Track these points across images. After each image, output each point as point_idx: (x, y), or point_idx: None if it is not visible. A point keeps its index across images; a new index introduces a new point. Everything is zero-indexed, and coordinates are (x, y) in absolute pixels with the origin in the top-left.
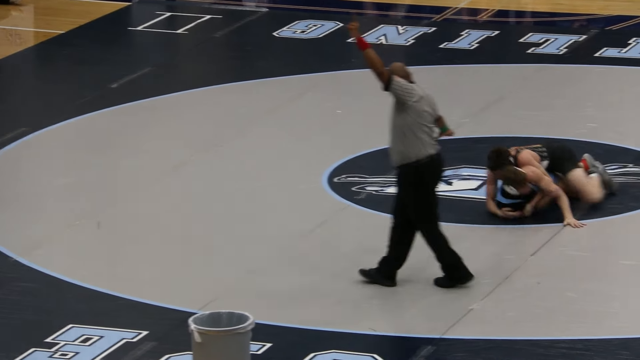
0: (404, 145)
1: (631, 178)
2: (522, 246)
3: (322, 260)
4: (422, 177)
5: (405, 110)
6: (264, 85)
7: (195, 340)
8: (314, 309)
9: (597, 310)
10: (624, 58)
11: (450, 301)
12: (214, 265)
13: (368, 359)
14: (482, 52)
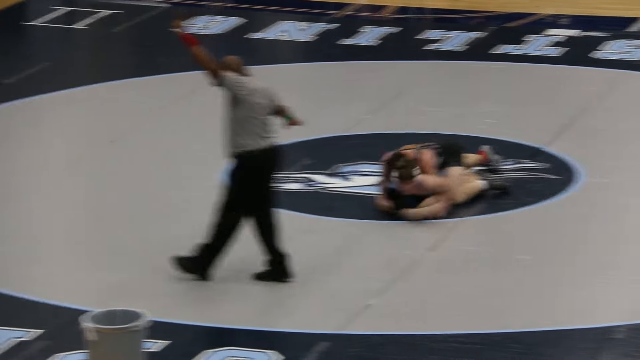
0: (237, 137)
1: (527, 174)
2: (419, 241)
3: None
4: (254, 169)
5: (237, 104)
6: (164, 81)
7: (90, 339)
8: (210, 306)
9: (491, 305)
10: (520, 55)
11: (347, 296)
12: (110, 264)
13: (264, 356)
14: (383, 49)
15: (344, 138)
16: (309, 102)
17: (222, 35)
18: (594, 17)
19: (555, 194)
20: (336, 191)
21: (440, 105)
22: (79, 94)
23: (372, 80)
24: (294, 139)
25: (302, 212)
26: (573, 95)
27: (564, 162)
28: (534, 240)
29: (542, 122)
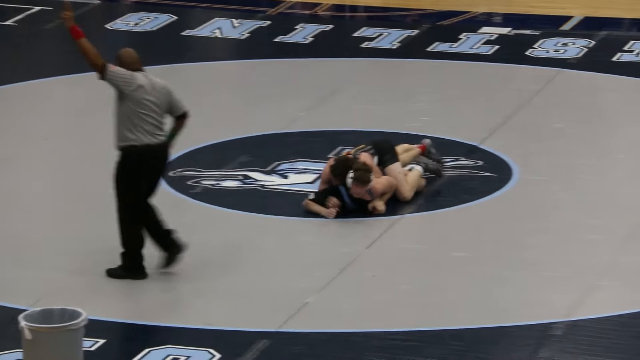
0: (124, 131)
1: (462, 171)
2: (356, 239)
3: (156, 256)
4: (136, 165)
5: (124, 99)
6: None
7: (26, 338)
8: (148, 304)
9: (430, 302)
10: (455, 53)
11: (285, 294)
12: (45, 262)
13: (203, 353)
14: (317, 46)
15: (280, 136)
16: (244, 99)
17: (154, 32)
18: (527, 15)
19: (491, 192)
20: (273, 189)
21: (375, 103)
22: (11, 91)
23: (307, 78)
24: (231, 137)
25: (239, 210)
26: (507, 93)
27: (498, 159)
28: (471, 238)
29: (476, 119)
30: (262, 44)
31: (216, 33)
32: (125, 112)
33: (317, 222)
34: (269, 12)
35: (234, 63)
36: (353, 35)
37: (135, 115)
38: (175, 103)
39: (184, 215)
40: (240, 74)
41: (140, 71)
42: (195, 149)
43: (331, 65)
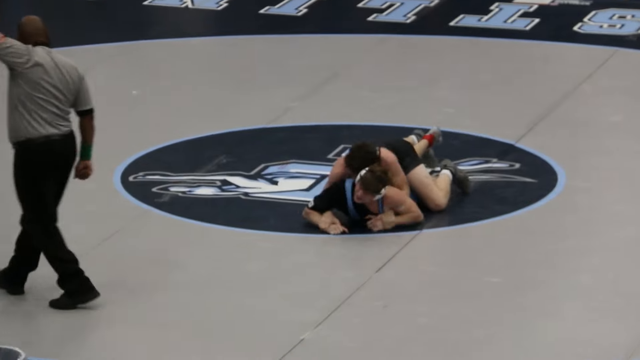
0: (15, 119)
1: (495, 176)
2: (364, 261)
3: (112, 280)
4: (31, 160)
5: (16, 78)
6: None
7: None
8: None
9: (455, 340)
10: (484, 28)
11: (276, 329)
12: None
13: None
14: (312, 19)
15: (268, 131)
16: (222, 86)
17: (108, 1)
18: None
19: (531, 202)
20: (260, 197)
21: (384, 90)
22: None
23: (300, 59)
24: (207, 132)
25: (217, 224)
26: (549, 79)
27: (539, 161)
28: (506, 259)
29: (512, 112)
30: (244, 16)
31: (187, 2)
32: (17, 95)
33: (315, 239)
34: None
35: (209, 40)
36: (357, 5)
37: (30, 99)
38: (83, 93)
39: (149, 230)
40: (218, 53)
41: (43, 46)
42: (162, 147)
43: (330, 44)
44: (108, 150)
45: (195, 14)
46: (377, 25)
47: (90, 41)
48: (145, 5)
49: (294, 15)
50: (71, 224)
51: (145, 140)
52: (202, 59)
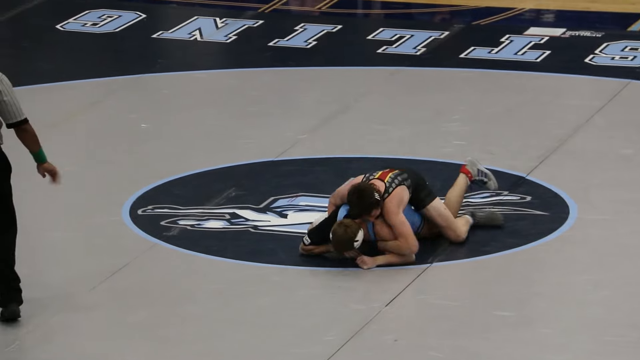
0: None
1: (506, 209)
2: (374, 294)
3: (121, 315)
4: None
5: None
6: (46, 91)
7: None
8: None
9: None
10: (495, 60)
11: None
12: None
13: None
14: (322, 52)
15: (277, 164)
16: (231, 118)
17: (118, 34)
18: (585, 12)
19: (542, 235)
20: (269, 230)
21: (395, 122)
22: None
23: (309, 92)
24: (216, 165)
25: (226, 258)
26: (561, 111)
27: (551, 194)
28: (517, 293)
29: (523, 144)
30: (253, 49)
31: (196, 35)
32: None
33: (325, 273)
34: (261, 9)
35: (218, 73)
36: (367, 38)
37: None
38: (4, 107)
39: (157, 264)
40: (227, 86)
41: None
42: (171, 180)
43: (340, 76)
44: (117, 184)
45: (204, 47)
46: (387, 58)
47: (99, 74)
48: (154, 38)
49: (304, 48)
50: (80, 257)
51: (154, 174)
52: (211, 91)
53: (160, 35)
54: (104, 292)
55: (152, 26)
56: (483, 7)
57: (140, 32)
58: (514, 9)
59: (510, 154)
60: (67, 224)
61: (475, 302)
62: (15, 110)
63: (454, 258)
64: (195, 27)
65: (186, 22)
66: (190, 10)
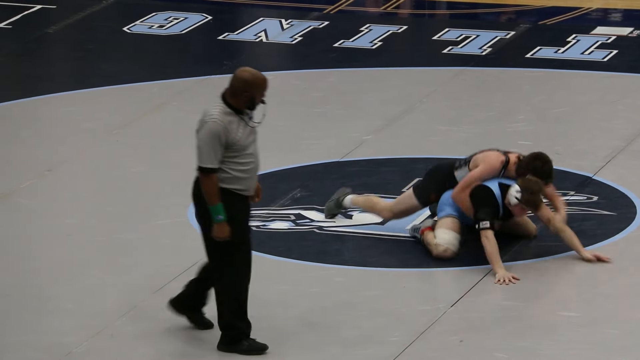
0: None
1: (573, 209)
2: (439, 294)
3: None
4: None
5: None
6: (112, 93)
7: None
8: None
9: None
10: (562, 59)
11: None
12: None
13: None
14: (387, 52)
15: (342, 165)
16: (296, 120)
17: (184, 36)
18: None
19: (609, 235)
20: (334, 231)
21: (459, 123)
22: (4, 111)
23: (373, 93)
24: (281, 166)
25: (291, 258)
26: (627, 110)
27: (618, 194)
28: (584, 293)
29: (590, 143)
30: (318, 50)
31: (261, 37)
32: None
33: (390, 273)
34: (326, 11)
35: (283, 74)
36: (433, 38)
37: None
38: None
39: None
40: (292, 87)
41: None
42: None
43: (405, 76)
44: (182, 185)
45: (270, 48)
46: (453, 58)
47: (165, 76)
48: (220, 39)
49: (369, 49)
50: (145, 258)
51: None
52: (276, 93)
53: (226, 36)
54: (170, 294)
55: (218, 28)
56: (549, 6)
57: (206, 33)
58: (581, 8)
59: (576, 153)
60: (133, 225)
61: (540, 302)
62: (199, 154)
63: (520, 258)
64: (260, 29)
65: (252, 24)
66: (255, 11)
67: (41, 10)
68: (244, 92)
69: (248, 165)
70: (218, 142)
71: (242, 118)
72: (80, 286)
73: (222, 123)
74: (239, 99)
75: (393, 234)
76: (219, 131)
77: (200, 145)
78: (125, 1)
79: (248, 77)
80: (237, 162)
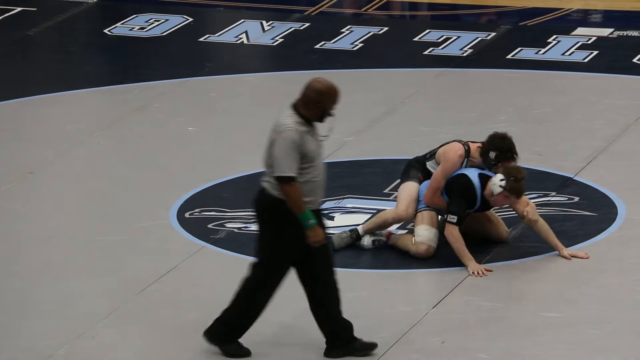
0: None
1: (554, 210)
2: (421, 295)
3: (170, 317)
4: None
5: None
6: (93, 95)
7: None
8: None
9: None
10: (542, 60)
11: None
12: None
13: None
14: (368, 54)
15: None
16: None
17: (165, 38)
18: (634, 12)
19: (590, 235)
20: None
21: (440, 124)
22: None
23: (355, 94)
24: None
25: None
26: (608, 111)
27: (599, 194)
28: (565, 293)
29: (570, 144)
30: (300, 52)
31: (242, 38)
32: None
33: (371, 275)
34: (307, 12)
35: (264, 76)
36: (414, 39)
37: None
38: (273, 158)
39: (205, 267)
40: (273, 89)
41: None
42: (218, 183)
43: (386, 78)
44: (164, 187)
45: (251, 50)
46: (434, 59)
47: (146, 78)
48: (201, 41)
49: (350, 50)
50: (128, 260)
51: (201, 177)
52: (257, 94)
53: (207, 38)
54: (153, 295)
55: (199, 30)
56: (530, 7)
57: (187, 35)
58: (561, 9)
59: (558, 154)
60: (116, 228)
61: (522, 303)
62: (279, 164)
63: (501, 259)
64: (242, 30)
65: (233, 26)
66: (236, 13)
67: (22, 12)
68: (317, 104)
69: (317, 177)
70: (297, 150)
71: (313, 130)
72: (61, 289)
73: (299, 132)
74: (311, 110)
75: None
76: (296, 140)
77: (279, 155)
78: (106, 3)
79: (322, 88)
80: (307, 174)
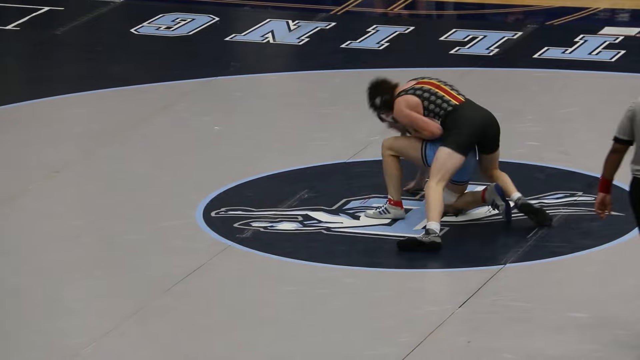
0: None
1: (581, 210)
2: (447, 295)
3: (195, 317)
4: None
5: None
6: (119, 95)
7: None
8: None
9: None
10: (569, 60)
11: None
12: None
13: None
14: (394, 53)
15: (349, 166)
16: (303, 120)
17: (191, 37)
18: None
19: (618, 235)
20: (342, 232)
21: None
22: (11, 113)
23: None
24: (288, 167)
25: (298, 259)
26: None
27: (626, 194)
28: (593, 294)
29: (598, 144)
30: (326, 51)
31: (268, 38)
32: None
33: (398, 274)
34: (333, 12)
35: (289, 75)
36: (440, 39)
37: None
38: None
39: (230, 266)
40: (299, 88)
41: None
42: (243, 182)
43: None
44: (190, 186)
45: (277, 50)
46: (460, 59)
47: (171, 77)
48: (227, 41)
49: (376, 49)
50: (154, 259)
51: (227, 176)
52: (283, 94)
53: (233, 38)
54: (178, 295)
55: (225, 29)
56: (557, 7)
57: (213, 35)
58: (588, 8)
59: (584, 154)
60: (141, 227)
61: (549, 303)
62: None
63: (527, 259)
64: (267, 30)
65: (259, 25)
66: (263, 13)
67: (49, 12)
68: None
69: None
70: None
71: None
72: (88, 287)
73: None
74: None
75: (400, 235)
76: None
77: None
78: (133, 3)
79: None
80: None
